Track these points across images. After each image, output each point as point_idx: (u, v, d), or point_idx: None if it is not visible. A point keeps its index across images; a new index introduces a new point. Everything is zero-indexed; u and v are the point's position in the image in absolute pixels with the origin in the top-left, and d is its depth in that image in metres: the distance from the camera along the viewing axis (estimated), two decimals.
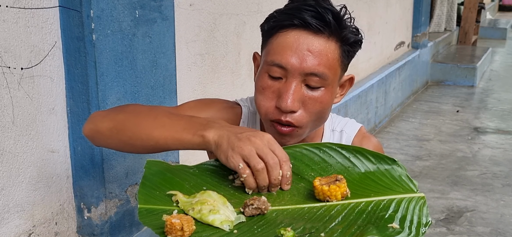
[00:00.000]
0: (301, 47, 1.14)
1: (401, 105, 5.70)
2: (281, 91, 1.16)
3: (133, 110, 1.20)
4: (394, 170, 1.09)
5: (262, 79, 1.19)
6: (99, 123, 1.19)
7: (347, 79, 1.27)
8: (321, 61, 1.14)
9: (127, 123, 1.15)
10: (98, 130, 1.18)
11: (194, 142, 1.07)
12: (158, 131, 1.11)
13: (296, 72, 1.14)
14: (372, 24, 4.79)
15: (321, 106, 1.18)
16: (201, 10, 2.34)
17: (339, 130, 1.35)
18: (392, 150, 4.46)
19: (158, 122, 1.12)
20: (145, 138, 1.12)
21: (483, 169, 4.10)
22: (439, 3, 7.78)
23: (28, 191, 1.66)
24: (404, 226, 0.95)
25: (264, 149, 1.00)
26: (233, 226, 0.94)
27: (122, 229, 1.91)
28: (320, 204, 1.02)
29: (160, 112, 1.17)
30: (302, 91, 1.16)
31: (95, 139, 1.21)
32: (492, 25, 11.78)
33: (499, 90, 6.71)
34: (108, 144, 1.20)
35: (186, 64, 2.30)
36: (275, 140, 1.04)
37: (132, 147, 1.16)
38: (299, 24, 1.14)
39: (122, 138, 1.15)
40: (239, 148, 1.00)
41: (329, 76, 1.16)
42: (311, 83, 1.15)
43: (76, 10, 1.63)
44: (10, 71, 1.54)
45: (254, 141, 1.01)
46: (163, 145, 1.11)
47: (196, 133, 1.06)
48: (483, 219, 3.32)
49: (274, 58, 1.16)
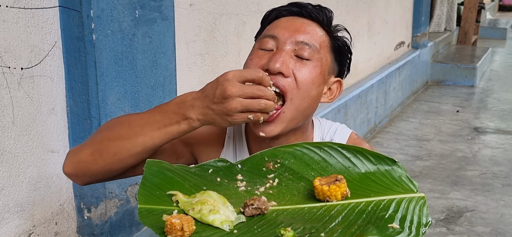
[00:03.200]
0: (295, 23, 1.19)
1: (401, 105, 5.70)
2: (270, 57, 1.16)
3: (106, 128, 1.16)
4: (394, 170, 1.09)
5: (252, 54, 1.21)
6: (79, 152, 1.14)
7: (335, 82, 1.26)
8: (313, 35, 1.19)
9: (106, 142, 1.12)
10: (80, 160, 1.12)
11: (183, 129, 1.08)
12: (140, 135, 1.10)
13: (287, 40, 1.17)
14: (372, 24, 4.79)
15: (310, 77, 1.16)
16: (201, 10, 2.34)
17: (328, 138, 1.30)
18: (392, 150, 4.46)
19: (134, 128, 1.11)
20: (130, 147, 1.10)
21: (483, 169, 4.10)
22: (439, 3, 7.78)
23: (28, 191, 1.66)
24: (404, 226, 0.95)
25: (245, 89, 1.02)
26: (233, 226, 0.94)
27: (122, 229, 1.91)
28: (320, 204, 1.02)
29: (131, 118, 1.14)
30: (292, 60, 1.16)
31: (78, 172, 1.14)
32: (492, 25, 11.77)
33: (499, 90, 6.71)
34: (94, 172, 1.13)
35: (186, 64, 2.30)
36: (239, 70, 1.04)
37: (120, 162, 1.12)
38: (296, 11, 1.21)
39: (107, 158, 1.11)
40: (231, 109, 1.02)
41: (319, 51, 1.18)
42: (302, 52, 1.16)
43: (76, 10, 1.63)
44: (10, 71, 1.54)
45: (231, 91, 1.01)
46: (152, 145, 1.10)
47: (179, 121, 1.07)
48: (483, 219, 3.32)
49: (266, 32, 1.21)
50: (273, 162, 1.11)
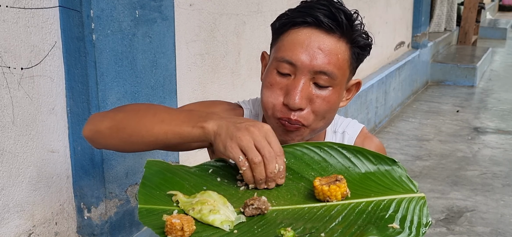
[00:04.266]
0: (312, 44, 1.14)
1: (401, 105, 5.70)
2: (289, 88, 1.15)
3: (132, 109, 1.20)
4: (394, 170, 1.09)
5: (270, 76, 1.18)
6: (99, 123, 1.18)
7: (354, 84, 1.27)
8: (331, 60, 1.14)
9: (126, 121, 1.15)
10: (98, 130, 1.18)
11: (194, 134, 1.07)
12: (158, 126, 1.10)
13: (305, 69, 1.14)
14: (372, 24, 4.79)
15: (328, 105, 1.17)
16: (201, 10, 2.34)
17: (341, 131, 1.34)
18: (392, 150, 4.46)
19: (157, 118, 1.12)
20: (145, 134, 1.12)
21: (483, 169, 4.10)
22: (439, 3, 7.78)
23: (28, 191, 1.66)
24: (404, 226, 0.95)
25: (262, 141, 1.00)
26: (233, 226, 0.94)
27: (122, 229, 1.91)
28: (320, 204, 1.02)
29: (160, 109, 1.17)
30: (310, 89, 1.15)
31: (95, 139, 1.20)
32: (492, 25, 11.77)
33: (499, 90, 6.71)
34: (108, 144, 1.19)
35: (186, 64, 2.30)
36: (273, 132, 1.03)
37: (132, 145, 1.15)
38: (312, 22, 1.15)
39: (122, 136, 1.14)
40: (238, 139, 1.00)
41: (337, 76, 1.16)
42: (319, 81, 1.15)
43: (76, 10, 1.63)
44: (10, 71, 1.54)
45: (252, 131, 1.00)
46: (164, 139, 1.11)
47: (195, 125, 1.06)
48: (483, 219, 3.32)
49: (284, 55, 1.16)
50: None
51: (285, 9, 1.23)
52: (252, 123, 1.02)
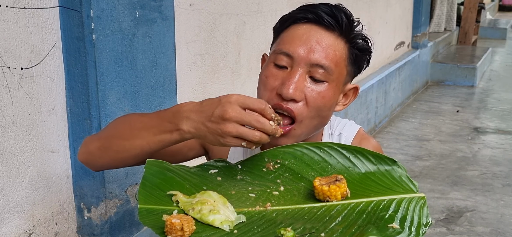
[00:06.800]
0: (310, 38, 1.15)
1: (401, 105, 5.70)
2: (284, 79, 1.15)
3: (113, 125, 1.20)
4: (394, 170, 1.09)
5: (267, 69, 1.18)
6: (89, 144, 1.19)
7: (351, 88, 1.26)
8: (328, 54, 1.15)
9: (110, 139, 1.16)
10: (89, 152, 1.19)
11: (175, 139, 1.07)
12: (138, 138, 1.10)
13: (302, 61, 1.14)
14: (372, 24, 4.79)
15: (322, 101, 1.16)
16: (201, 10, 2.34)
17: (337, 133, 1.32)
18: (392, 150, 4.46)
19: (134, 130, 1.12)
20: (129, 147, 1.12)
21: (483, 169, 4.10)
22: (439, 3, 7.78)
23: (28, 191, 1.66)
24: (404, 226, 0.95)
25: (244, 116, 0.99)
26: (233, 226, 0.94)
27: (122, 229, 1.91)
28: (320, 204, 1.02)
29: (133, 118, 1.16)
30: (306, 82, 1.15)
31: (89, 162, 1.21)
32: (492, 25, 11.77)
33: (499, 90, 6.71)
34: (103, 164, 1.19)
35: (186, 64, 2.30)
36: (242, 96, 1.02)
37: (123, 161, 1.15)
38: (312, 18, 1.16)
39: (111, 154, 1.15)
40: (225, 132, 0.99)
41: (334, 72, 1.16)
42: (315, 75, 1.14)
43: (76, 10, 1.63)
44: (10, 71, 1.54)
45: (230, 115, 0.98)
46: (149, 150, 1.11)
47: (172, 130, 1.06)
48: (483, 219, 3.32)
49: (281, 47, 1.17)
50: (273, 162, 1.11)
51: (285, 9, 1.24)
52: (222, 108, 0.99)
